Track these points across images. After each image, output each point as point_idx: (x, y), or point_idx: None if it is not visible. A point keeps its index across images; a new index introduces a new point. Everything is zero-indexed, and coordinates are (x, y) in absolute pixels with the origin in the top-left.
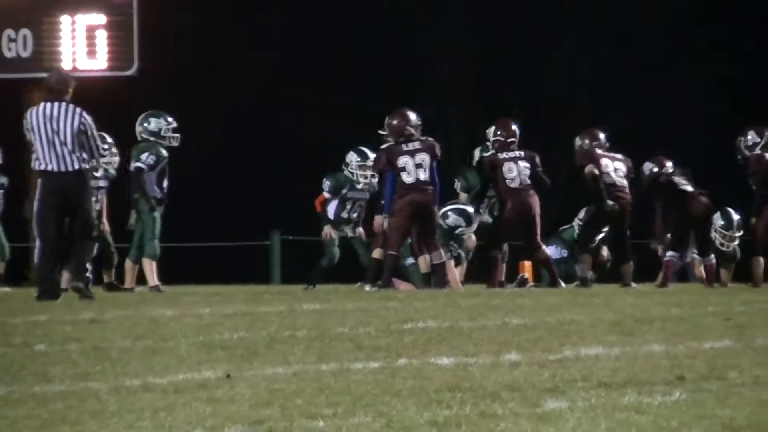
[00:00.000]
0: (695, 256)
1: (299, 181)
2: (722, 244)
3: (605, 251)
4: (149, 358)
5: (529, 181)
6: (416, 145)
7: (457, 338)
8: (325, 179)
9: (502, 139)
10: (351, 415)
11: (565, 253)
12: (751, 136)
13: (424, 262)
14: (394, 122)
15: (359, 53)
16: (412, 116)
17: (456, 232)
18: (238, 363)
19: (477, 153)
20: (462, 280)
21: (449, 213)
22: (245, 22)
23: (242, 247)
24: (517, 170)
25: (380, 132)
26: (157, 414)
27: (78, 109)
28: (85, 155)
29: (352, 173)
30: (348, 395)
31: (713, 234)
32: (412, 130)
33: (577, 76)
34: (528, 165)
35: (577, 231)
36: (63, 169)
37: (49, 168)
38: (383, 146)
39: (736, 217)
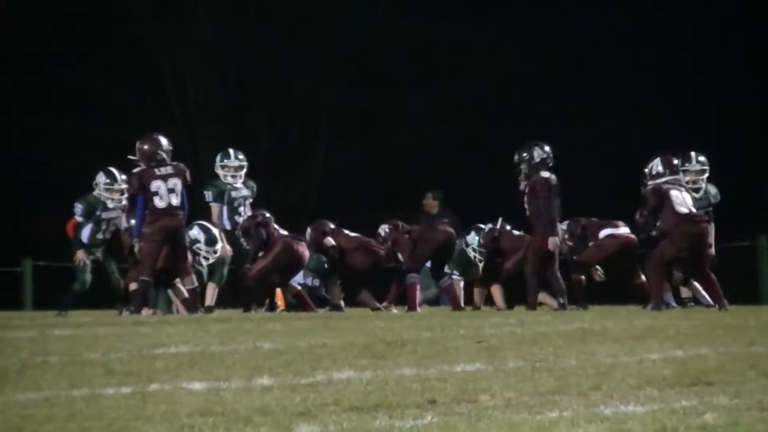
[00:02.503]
0: (455, 276)
1: (50, 206)
2: (481, 261)
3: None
4: None
5: None
6: (168, 170)
7: (209, 363)
8: (76, 203)
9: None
10: None
11: (317, 282)
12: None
13: (180, 287)
14: (145, 147)
15: (104, 78)
16: (164, 141)
17: (194, 247)
18: None
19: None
20: (212, 304)
21: (194, 226)
22: None
23: None
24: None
25: (131, 157)
26: None
27: None
28: None
29: (100, 195)
30: (100, 421)
31: (471, 253)
32: (164, 155)
33: (322, 99)
34: None
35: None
36: None
37: None
38: (135, 170)
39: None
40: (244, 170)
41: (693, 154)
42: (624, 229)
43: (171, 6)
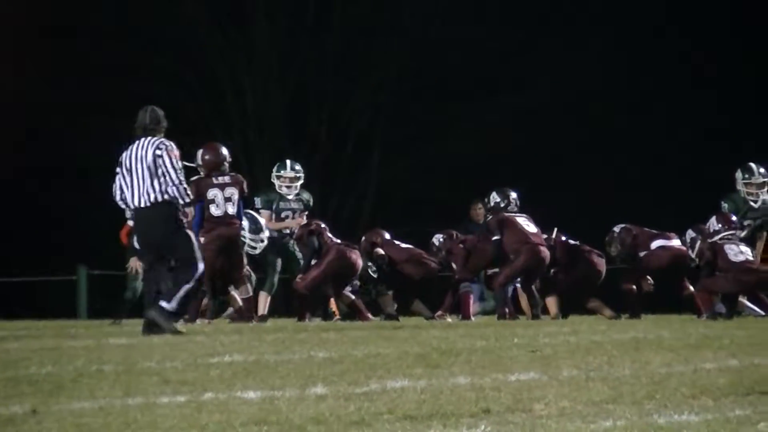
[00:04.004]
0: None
1: (105, 214)
2: None
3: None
4: None
5: None
6: (226, 179)
7: (264, 372)
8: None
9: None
10: None
11: (357, 283)
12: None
13: (234, 296)
14: (208, 157)
15: (163, 84)
16: (225, 151)
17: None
18: (45, 398)
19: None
20: (265, 313)
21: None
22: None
23: (49, 282)
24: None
25: (187, 164)
26: None
27: (159, 142)
28: (164, 186)
29: None
30: (154, 429)
31: None
32: (226, 165)
33: (379, 105)
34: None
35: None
36: (140, 204)
37: (132, 203)
38: (193, 178)
39: None
40: (300, 182)
41: (754, 166)
42: (675, 242)
43: (229, 13)
